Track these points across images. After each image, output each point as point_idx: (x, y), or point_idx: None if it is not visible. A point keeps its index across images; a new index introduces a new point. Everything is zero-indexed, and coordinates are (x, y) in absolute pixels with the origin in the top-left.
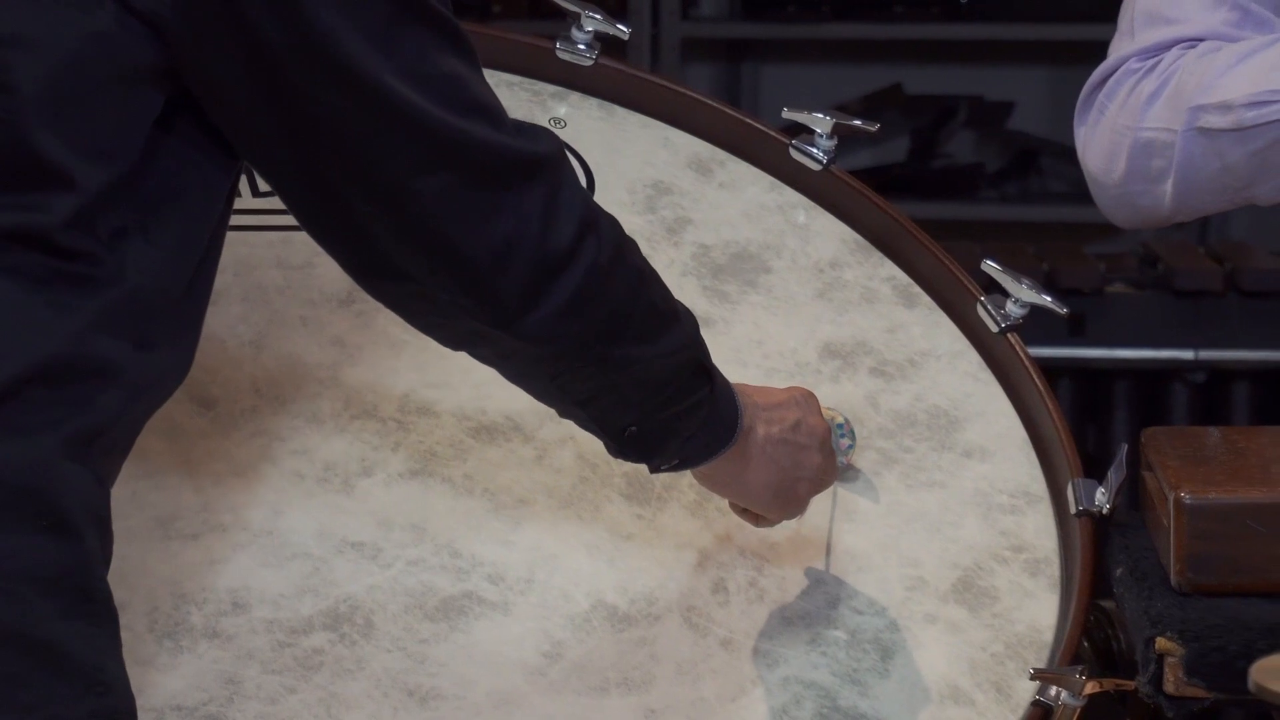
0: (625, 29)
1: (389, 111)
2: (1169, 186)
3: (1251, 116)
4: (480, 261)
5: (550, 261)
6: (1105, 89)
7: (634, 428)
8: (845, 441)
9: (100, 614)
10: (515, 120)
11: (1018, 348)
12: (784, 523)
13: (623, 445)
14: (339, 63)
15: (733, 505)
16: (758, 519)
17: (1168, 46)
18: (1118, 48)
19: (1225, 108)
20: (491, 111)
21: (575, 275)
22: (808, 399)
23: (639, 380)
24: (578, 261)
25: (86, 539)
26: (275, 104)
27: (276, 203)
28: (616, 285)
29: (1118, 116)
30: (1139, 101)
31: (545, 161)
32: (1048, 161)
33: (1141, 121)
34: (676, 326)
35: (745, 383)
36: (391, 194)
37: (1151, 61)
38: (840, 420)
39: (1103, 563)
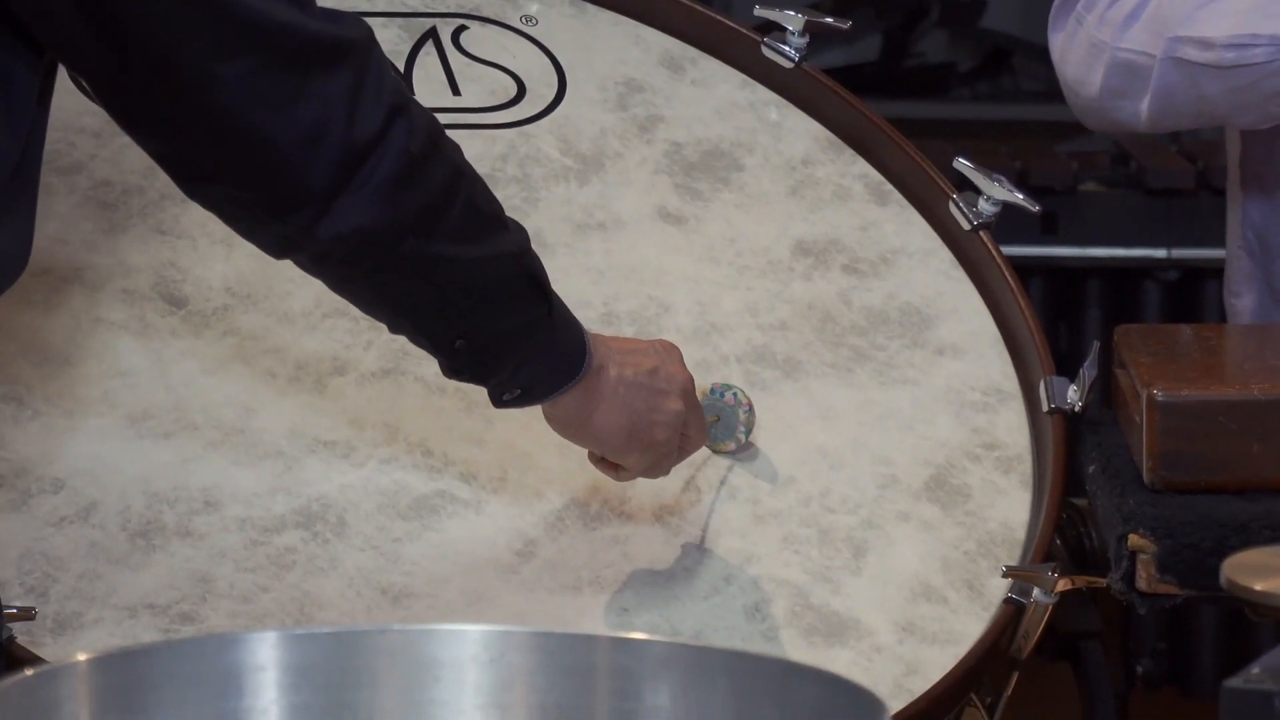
0: None
1: None
2: (1144, 106)
3: (1231, 57)
4: (285, 148)
5: (357, 147)
6: (1083, 1)
7: (462, 340)
8: (734, 397)
9: None
10: (324, 8)
11: (990, 246)
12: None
13: (454, 361)
14: None
15: (591, 456)
16: (617, 470)
17: None
18: None
19: (1205, 44)
20: None
21: (384, 161)
22: (669, 350)
23: (462, 286)
24: (386, 146)
25: None
26: None
27: None
28: (430, 176)
29: (1096, 31)
30: (1118, 18)
31: (351, 46)
32: (1020, 60)
33: (1120, 41)
34: (503, 233)
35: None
36: (193, 80)
37: None
38: (720, 387)
39: (1075, 460)
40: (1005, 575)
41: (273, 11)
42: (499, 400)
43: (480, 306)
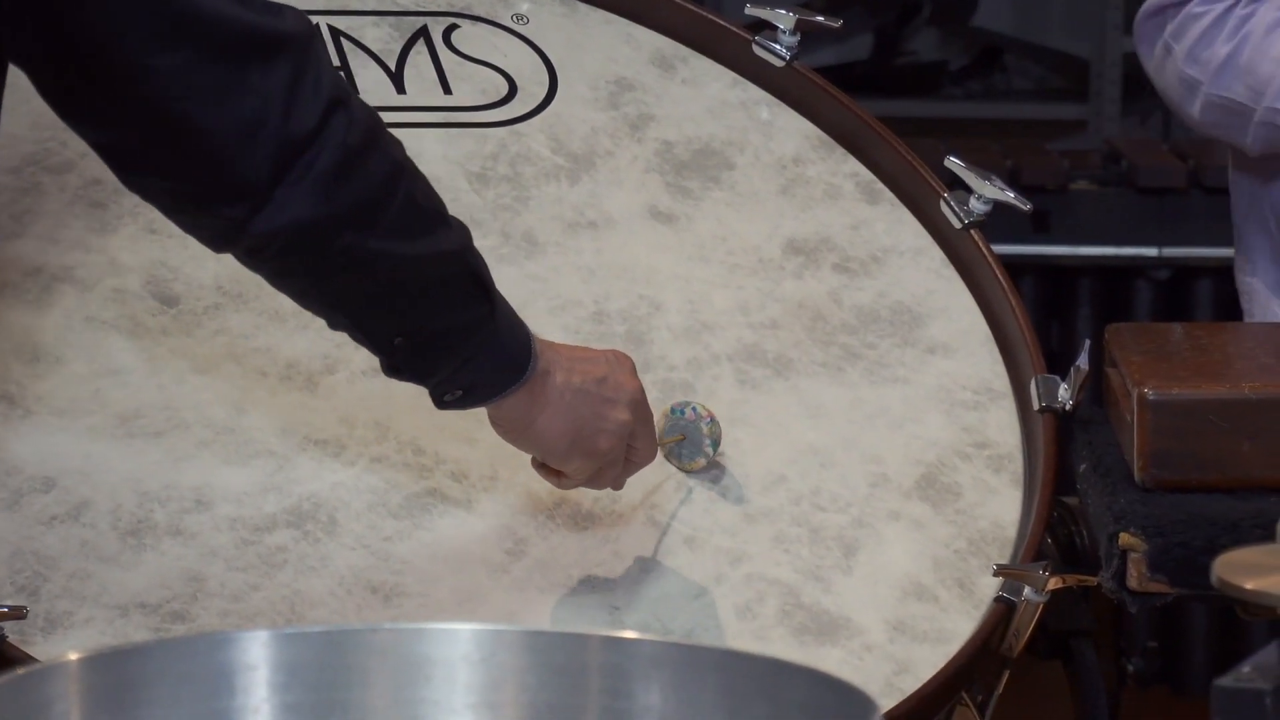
0: None
1: None
2: (1247, 140)
3: None
4: (221, 140)
5: (294, 139)
6: (1170, 30)
7: (401, 338)
8: (694, 411)
9: None
10: (265, 1)
11: (981, 244)
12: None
13: (393, 358)
14: None
15: (533, 461)
16: (559, 477)
17: None
18: None
19: None
20: None
21: (322, 154)
22: (620, 360)
23: (401, 282)
24: (324, 140)
25: None
26: None
27: None
28: (369, 170)
29: (1186, 67)
30: (1211, 62)
31: (289, 39)
32: (1011, 59)
33: (1214, 87)
34: (444, 231)
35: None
36: (129, 72)
37: (1219, 7)
38: (679, 405)
39: (1066, 459)
40: (996, 574)
41: (210, 4)
42: (440, 401)
43: (419, 304)
